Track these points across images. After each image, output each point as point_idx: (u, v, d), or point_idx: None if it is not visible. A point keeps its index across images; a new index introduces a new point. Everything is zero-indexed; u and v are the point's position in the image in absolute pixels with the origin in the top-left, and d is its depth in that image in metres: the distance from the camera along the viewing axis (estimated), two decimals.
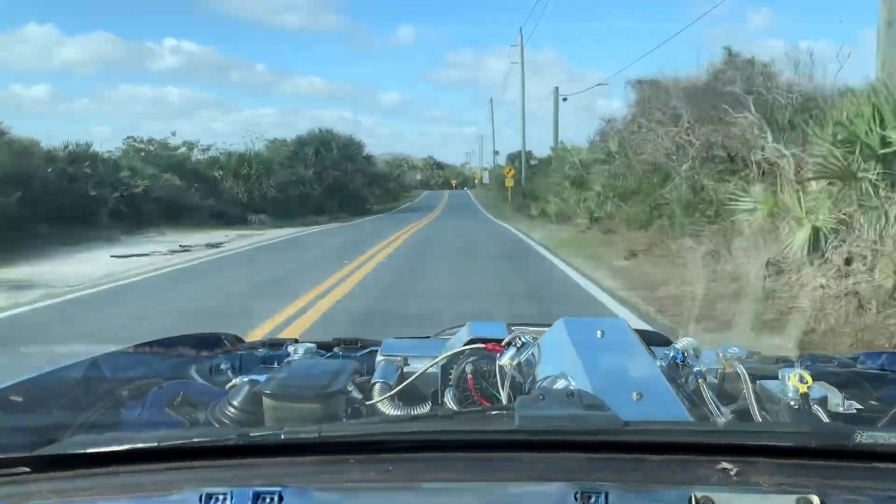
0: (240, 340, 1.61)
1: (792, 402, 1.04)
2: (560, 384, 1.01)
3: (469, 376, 1.13)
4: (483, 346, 1.17)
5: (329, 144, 34.25)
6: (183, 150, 27.12)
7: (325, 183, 33.96)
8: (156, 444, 0.81)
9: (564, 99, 32.57)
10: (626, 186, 16.48)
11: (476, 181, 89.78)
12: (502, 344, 1.15)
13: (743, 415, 1.08)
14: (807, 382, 1.04)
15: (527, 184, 39.28)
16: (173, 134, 27.22)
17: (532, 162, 47.22)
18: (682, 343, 1.19)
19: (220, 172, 25.18)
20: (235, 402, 1.02)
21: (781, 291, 6.68)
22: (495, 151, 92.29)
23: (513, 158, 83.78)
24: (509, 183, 46.71)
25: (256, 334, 5.48)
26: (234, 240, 17.85)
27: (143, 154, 23.83)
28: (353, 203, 38.58)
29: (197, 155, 27.27)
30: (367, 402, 1.10)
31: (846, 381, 1.21)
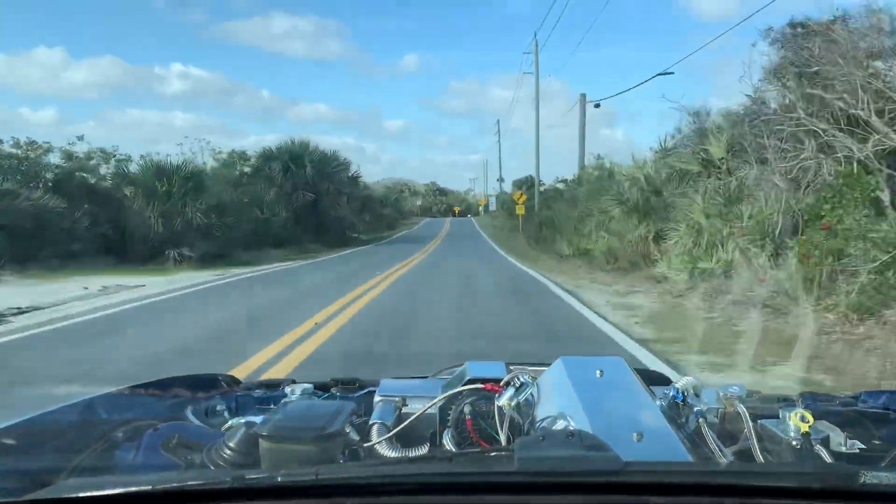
0: (236, 382, 1.52)
1: (794, 442, 0.99)
2: (560, 424, 0.98)
3: (468, 417, 1.09)
4: (482, 386, 1.12)
5: (300, 159, 27.03)
6: (94, 161, 19.70)
7: (295, 206, 26.71)
8: (150, 487, 0.79)
9: (597, 105, 25.23)
10: (763, 214, 9.01)
11: (480, 208, 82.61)
12: (501, 384, 1.10)
13: (745, 455, 1.02)
14: (808, 422, 1.00)
15: (543, 211, 32.04)
16: (80, 139, 19.78)
17: (539, 189, 40.20)
18: (682, 382, 1.14)
19: (131, 190, 17.68)
20: (231, 444, 0.97)
21: None
22: (499, 179, 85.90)
23: (519, 185, 77.30)
24: (520, 210, 39.49)
25: None
26: (81, 299, 10.21)
27: (13, 162, 16.32)
28: (334, 231, 31.16)
29: (112, 168, 19.82)
30: (365, 444, 1.05)
31: (848, 421, 1.17)
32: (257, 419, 1.02)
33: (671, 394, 1.13)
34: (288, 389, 1.29)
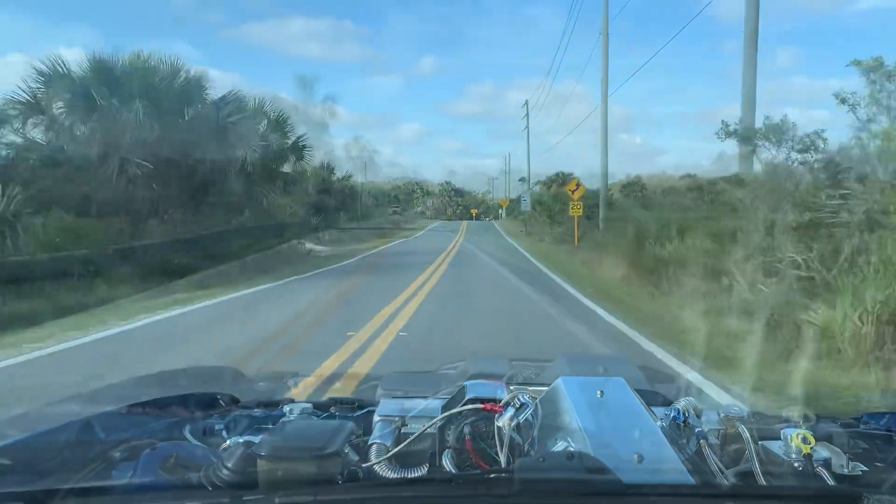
0: (235, 401, 1.44)
1: (796, 464, 0.96)
2: (560, 446, 0.95)
3: (467, 437, 1.03)
4: (482, 406, 1.05)
5: (123, 86, 10.76)
6: None
7: (104, 189, 11.16)
8: None
9: None
10: None
11: (501, 210, 66.65)
12: (500, 404, 1.04)
13: (746, 476, 0.98)
14: (810, 443, 0.97)
15: (636, 213, 16.51)
16: None
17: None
18: (682, 403, 1.11)
19: None
20: (230, 465, 0.91)
21: None
22: (521, 179, 70.47)
23: (549, 184, 61.23)
24: (576, 211, 23.65)
25: None
26: None
27: None
28: (242, 242, 15.70)
29: None
30: (364, 465, 0.99)
31: (850, 443, 1.12)
32: (255, 439, 0.98)
33: (671, 415, 1.09)
34: (287, 409, 1.22)
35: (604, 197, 23.47)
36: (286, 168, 19.18)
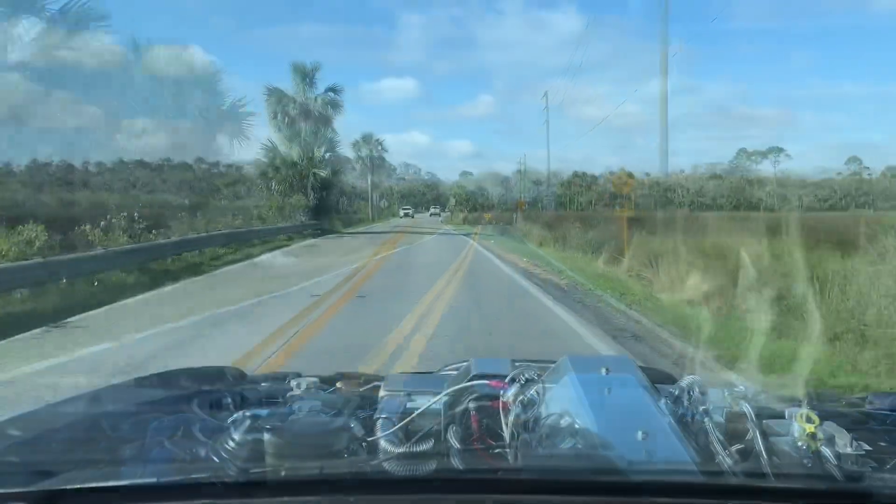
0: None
1: (804, 461, 0.94)
2: (567, 442, 0.93)
3: (474, 435, 1.02)
4: (489, 403, 1.05)
5: None
6: None
7: None
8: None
9: None
10: None
11: (516, 215, 61.12)
12: (507, 399, 1.03)
13: (754, 473, 0.94)
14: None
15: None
16: None
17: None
18: (688, 399, 1.10)
19: None
20: (238, 463, 0.91)
21: None
22: (535, 181, 65.54)
23: (568, 184, 56.87)
24: (626, 211, 18.52)
25: None
26: None
27: None
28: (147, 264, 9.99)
29: None
30: (372, 463, 0.96)
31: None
32: (263, 436, 0.94)
33: (679, 411, 1.07)
34: (295, 406, 1.17)
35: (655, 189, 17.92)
36: (224, 143, 13.61)
